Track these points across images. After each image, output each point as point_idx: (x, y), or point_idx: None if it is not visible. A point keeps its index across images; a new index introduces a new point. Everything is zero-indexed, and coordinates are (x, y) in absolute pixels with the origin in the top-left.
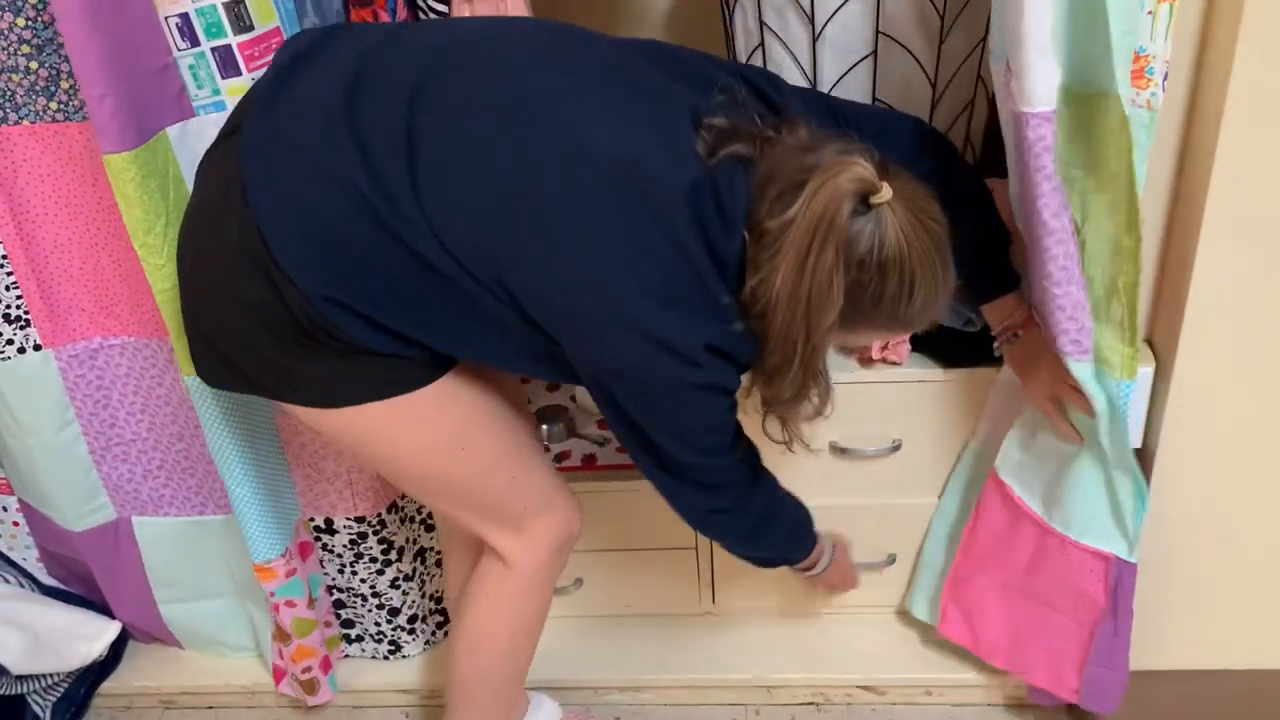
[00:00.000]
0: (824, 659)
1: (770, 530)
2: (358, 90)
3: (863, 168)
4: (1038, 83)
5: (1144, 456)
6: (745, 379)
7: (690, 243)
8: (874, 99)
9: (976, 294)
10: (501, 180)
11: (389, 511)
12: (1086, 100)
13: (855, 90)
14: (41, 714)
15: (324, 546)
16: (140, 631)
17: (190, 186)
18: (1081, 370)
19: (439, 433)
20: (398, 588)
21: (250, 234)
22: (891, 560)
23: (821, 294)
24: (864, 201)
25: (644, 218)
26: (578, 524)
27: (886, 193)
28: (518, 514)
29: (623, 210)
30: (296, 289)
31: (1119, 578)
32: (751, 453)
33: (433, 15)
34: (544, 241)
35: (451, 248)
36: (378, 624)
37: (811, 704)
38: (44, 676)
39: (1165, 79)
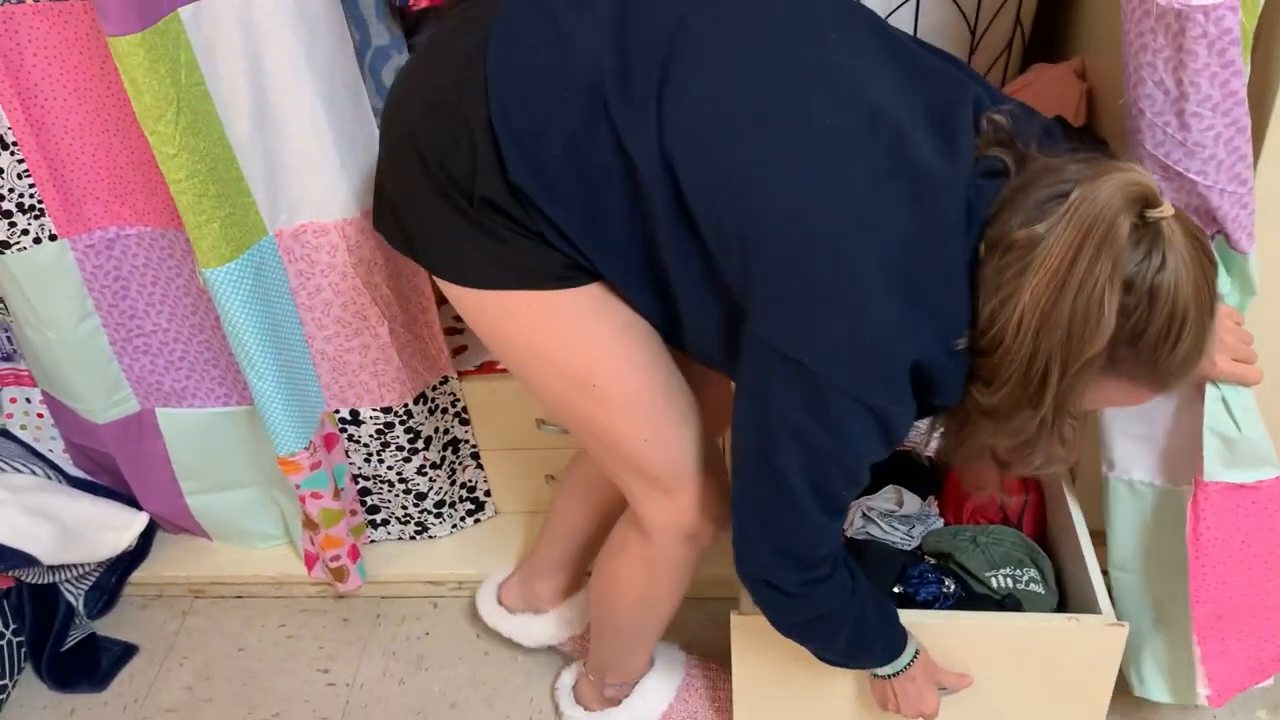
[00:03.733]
0: None
1: (830, 626)
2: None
3: (1142, 175)
4: None
5: None
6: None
7: (946, 239)
8: None
9: None
10: (759, 99)
11: (416, 402)
12: None
13: None
14: (75, 602)
15: (350, 437)
16: (168, 522)
17: (205, 72)
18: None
19: (570, 351)
20: (424, 475)
21: (475, 93)
22: None
23: (1088, 315)
24: (1140, 215)
25: (907, 191)
26: (712, 521)
27: (1168, 208)
28: (651, 473)
29: (889, 176)
30: (497, 158)
31: None
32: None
33: None
34: (795, 177)
35: (681, 173)
36: (404, 507)
37: None
38: (75, 566)
39: None
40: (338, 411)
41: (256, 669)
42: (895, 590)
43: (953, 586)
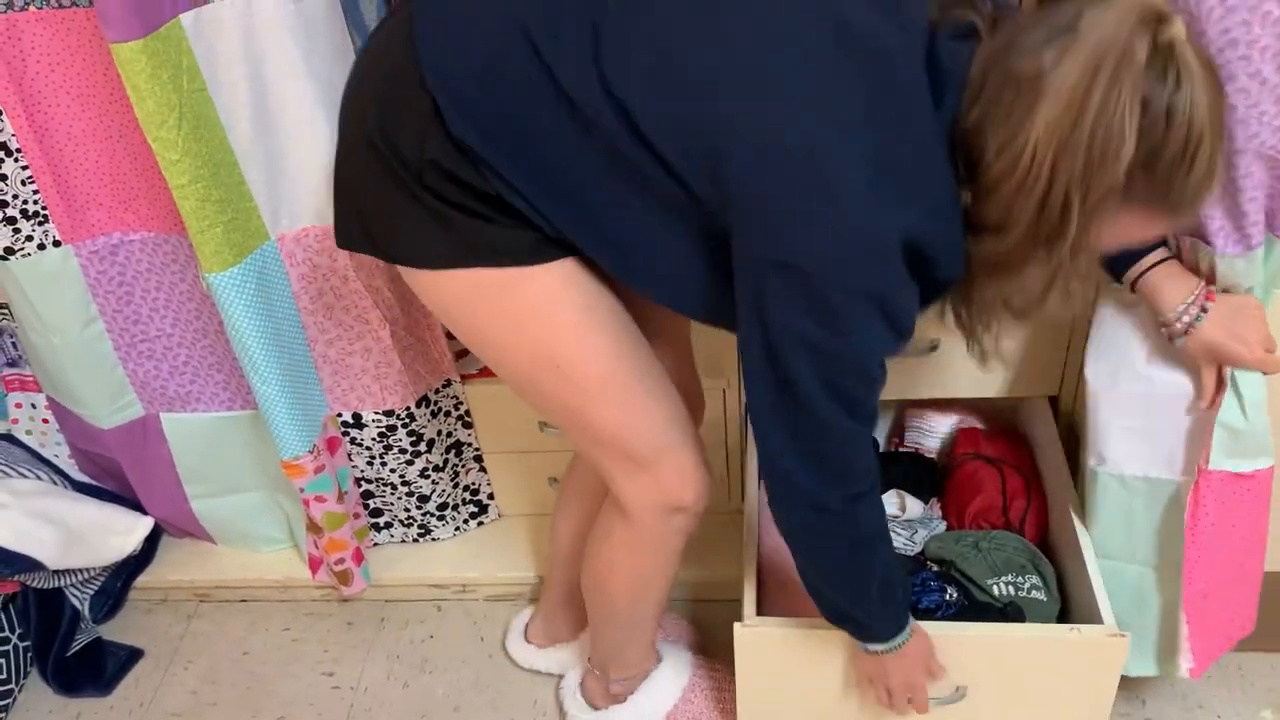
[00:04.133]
0: None
1: (866, 561)
2: None
3: None
4: None
5: None
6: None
7: (910, 108)
8: None
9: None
10: (695, 15)
11: (418, 405)
12: None
13: None
14: (80, 607)
15: (352, 441)
16: (173, 527)
17: (206, 78)
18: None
19: (534, 331)
20: (427, 477)
21: (408, 61)
22: (961, 694)
23: (1109, 139)
24: (1153, 37)
25: (858, 69)
26: (692, 489)
27: (1180, 27)
28: (627, 452)
29: (838, 60)
30: (437, 116)
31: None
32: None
33: None
34: (745, 83)
35: (632, 105)
36: (407, 510)
37: None
38: (80, 571)
39: None
40: (340, 415)
41: (261, 672)
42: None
43: (954, 595)
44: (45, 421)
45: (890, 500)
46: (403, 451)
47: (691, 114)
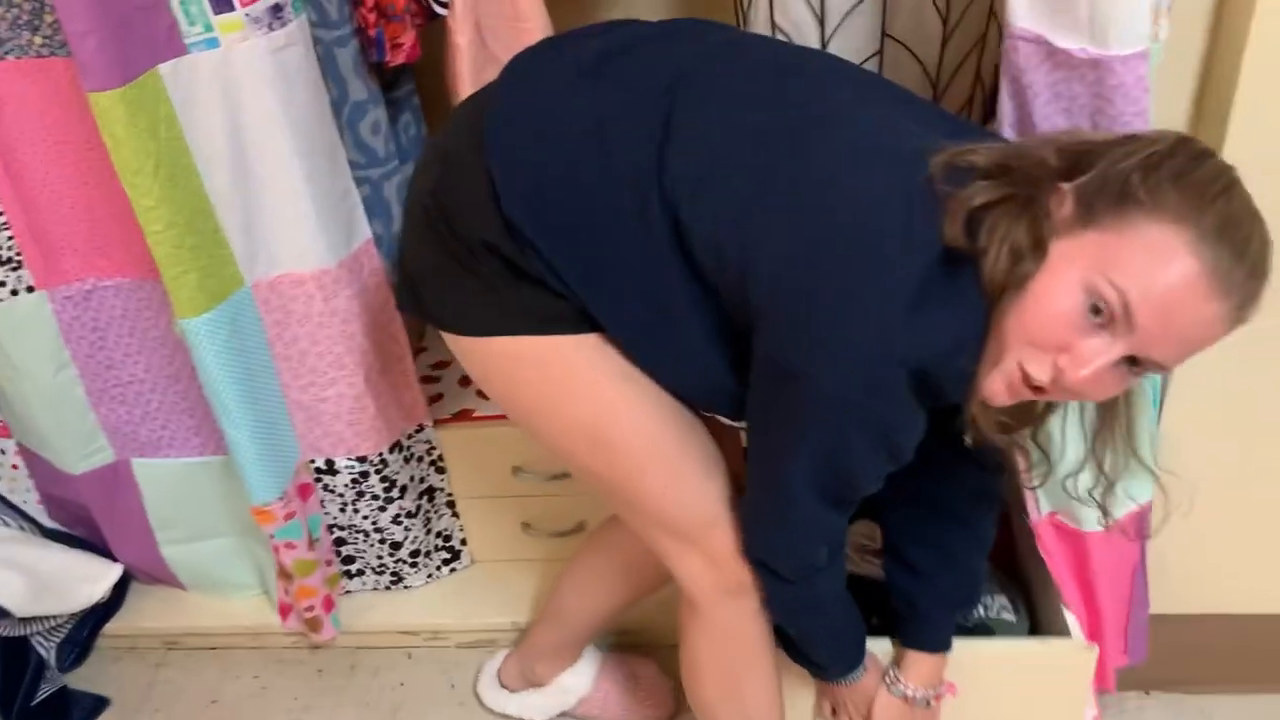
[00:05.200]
0: None
1: (821, 620)
2: (616, 57)
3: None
4: (1136, 17)
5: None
6: None
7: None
8: (883, 35)
9: (910, 639)
10: (758, 138)
11: (391, 451)
12: None
13: (864, 24)
14: (46, 655)
15: (325, 487)
16: (143, 573)
17: (184, 127)
18: None
19: (577, 401)
20: (400, 524)
21: (474, 136)
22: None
23: None
24: None
25: (904, 205)
26: (750, 570)
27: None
28: (673, 526)
29: (889, 196)
30: (493, 192)
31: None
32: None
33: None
34: (788, 202)
35: (682, 213)
36: (379, 557)
37: None
38: (47, 619)
39: (1169, 9)
40: (313, 461)
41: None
42: (872, 621)
43: None
44: (15, 468)
45: (861, 529)
46: (375, 498)
47: (732, 225)
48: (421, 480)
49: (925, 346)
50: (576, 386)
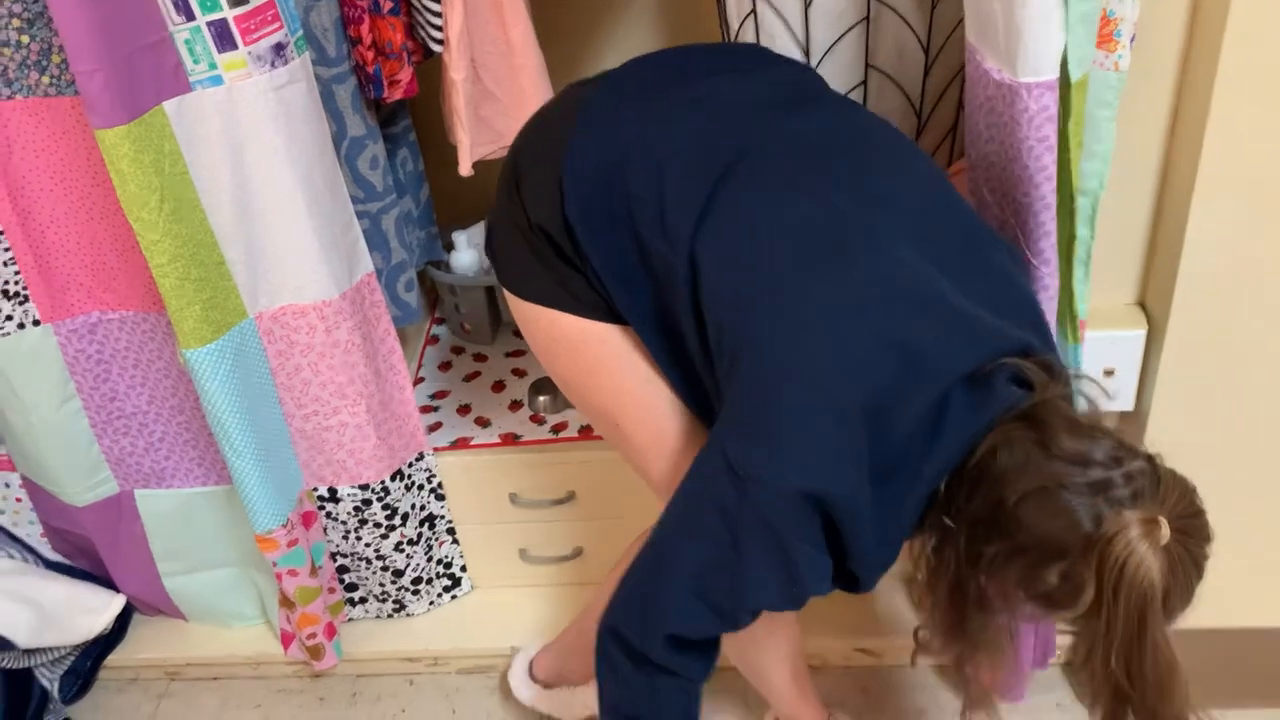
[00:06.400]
0: (823, 623)
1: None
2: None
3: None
4: (1043, 49)
5: (1136, 418)
6: None
7: (912, 409)
8: (866, 66)
9: None
10: (792, 237)
11: (393, 479)
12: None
13: (847, 56)
14: (49, 687)
15: (328, 515)
16: (145, 604)
17: (188, 162)
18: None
19: (598, 386)
20: (402, 551)
21: (561, 140)
22: None
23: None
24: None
25: (900, 359)
26: None
27: (1165, 533)
28: None
29: (888, 343)
30: (560, 194)
31: None
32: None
33: (428, 16)
34: (796, 315)
35: (702, 276)
36: (381, 585)
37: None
38: (50, 650)
39: (1132, 40)
40: (316, 489)
41: None
42: None
43: None
44: (19, 500)
45: None
46: (377, 525)
47: (741, 312)
48: (422, 508)
49: (853, 497)
50: (601, 376)
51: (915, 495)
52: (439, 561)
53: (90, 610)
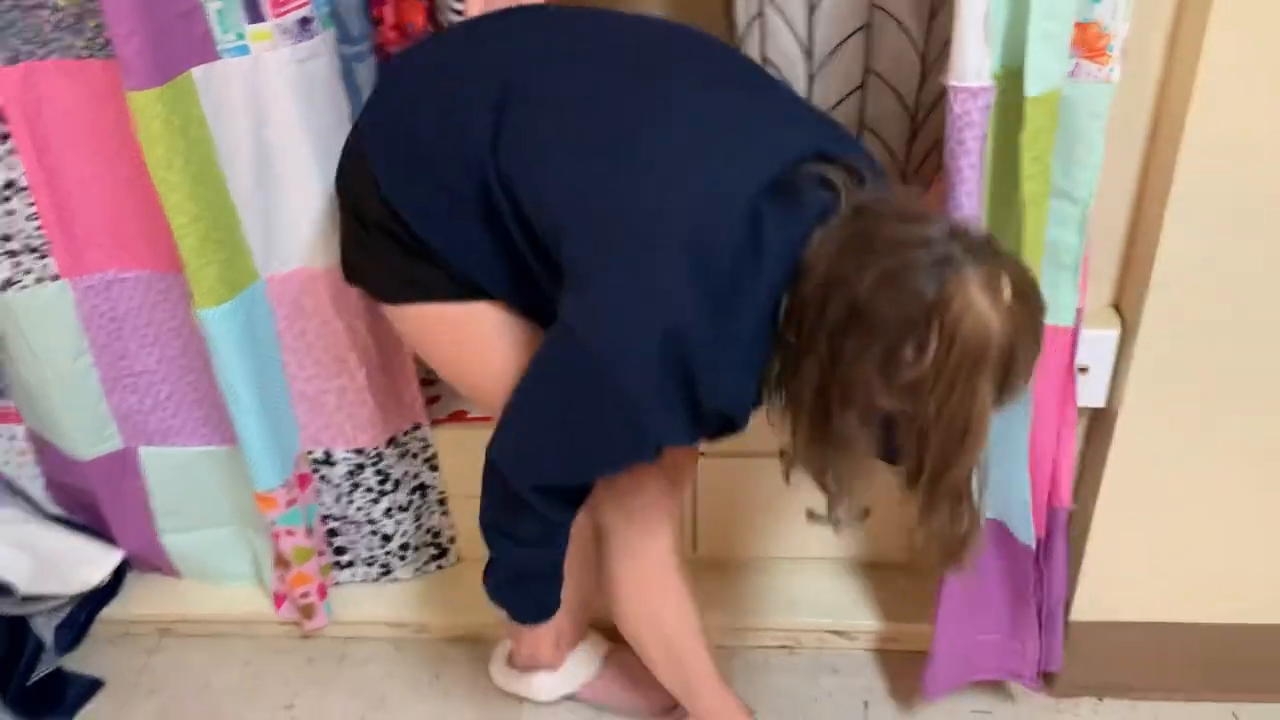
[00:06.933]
0: (798, 605)
1: (523, 585)
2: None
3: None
4: (969, 59)
5: (1106, 416)
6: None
7: (751, 243)
8: (865, 70)
9: None
10: (581, 120)
11: (388, 445)
12: (1015, 76)
13: (848, 60)
14: (44, 637)
15: (321, 478)
16: (141, 560)
17: (211, 128)
18: None
19: (474, 361)
20: (391, 517)
21: (360, 134)
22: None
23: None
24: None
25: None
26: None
27: (1006, 291)
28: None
29: (703, 165)
30: (377, 189)
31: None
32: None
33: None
34: (601, 170)
35: (519, 190)
36: (370, 549)
37: (785, 647)
38: (47, 599)
39: (1123, 55)
40: (311, 452)
41: (221, 706)
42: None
43: None
44: (23, 454)
45: None
46: (369, 490)
47: (552, 193)
48: (415, 476)
49: (690, 326)
50: (472, 349)
51: (756, 317)
52: (428, 530)
53: (89, 561)
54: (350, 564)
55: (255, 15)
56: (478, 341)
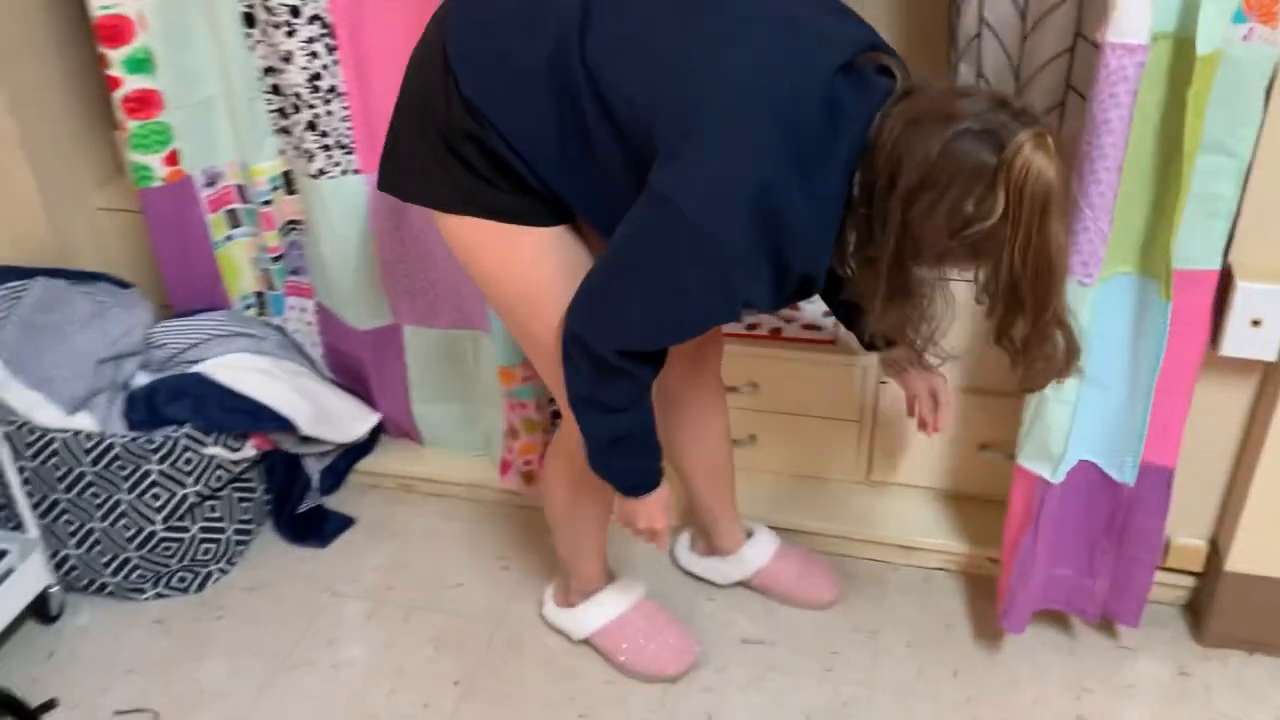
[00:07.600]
0: (960, 532)
1: (624, 442)
2: None
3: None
4: (1131, 17)
5: (1276, 371)
6: None
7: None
8: (1067, 87)
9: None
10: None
11: None
12: (1178, 43)
13: (1050, 80)
14: (311, 476)
15: None
16: (393, 424)
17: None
18: (1077, 293)
19: (518, 277)
20: None
21: (438, 44)
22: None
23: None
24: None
25: (804, 74)
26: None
27: (1053, 145)
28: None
29: (785, 55)
30: (457, 90)
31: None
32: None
33: None
34: (688, 50)
35: (600, 77)
36: None
37: (942, 569)
38: (320, 444)
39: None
40: None
41: (447, 553)
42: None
43: None
44: (309, 324)
45: None
46: None
47: (643, 78)
48: None
49: (780, 184)
50: (520, 266)
51: (836, 180)
52: None
53: (356, 417)
54: None
55: None
56: (523, 261)
